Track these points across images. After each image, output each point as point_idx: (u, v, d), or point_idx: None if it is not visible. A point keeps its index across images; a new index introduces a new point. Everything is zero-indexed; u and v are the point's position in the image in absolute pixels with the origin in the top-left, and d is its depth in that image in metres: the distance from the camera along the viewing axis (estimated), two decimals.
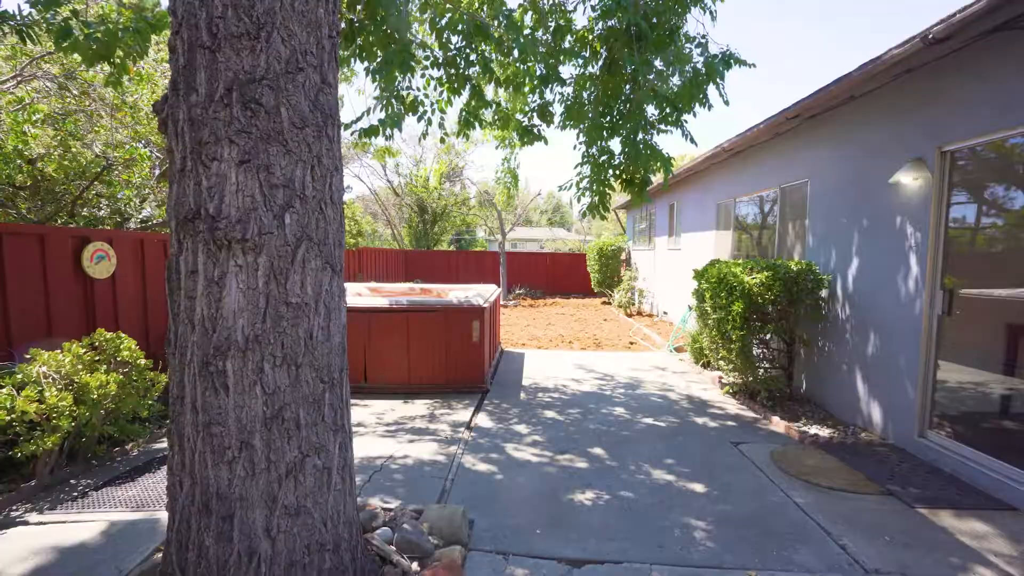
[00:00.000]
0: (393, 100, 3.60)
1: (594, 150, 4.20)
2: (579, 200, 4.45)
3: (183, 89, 1.92)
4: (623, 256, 16.29)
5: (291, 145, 1.97)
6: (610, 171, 4.23)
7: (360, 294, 8.88)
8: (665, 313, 12.18)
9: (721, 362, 6.17)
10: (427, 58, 3.90)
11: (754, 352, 5.76)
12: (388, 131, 3.53)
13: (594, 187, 4.12)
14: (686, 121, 4.03)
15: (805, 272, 5.47)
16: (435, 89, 4.13)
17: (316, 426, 2.04)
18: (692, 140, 4.28)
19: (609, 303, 15.89)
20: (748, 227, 8.21)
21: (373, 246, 20.98)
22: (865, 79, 4.59)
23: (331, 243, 2.12)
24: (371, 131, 3.51)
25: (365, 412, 5.33)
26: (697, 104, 4.28)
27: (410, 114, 3.69)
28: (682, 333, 9.29)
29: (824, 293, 5.56)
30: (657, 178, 4.70)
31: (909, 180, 4.36)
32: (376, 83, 3.64)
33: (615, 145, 4.31)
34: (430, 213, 22.65)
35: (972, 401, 3.99)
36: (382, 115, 3.92)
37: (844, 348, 5.27)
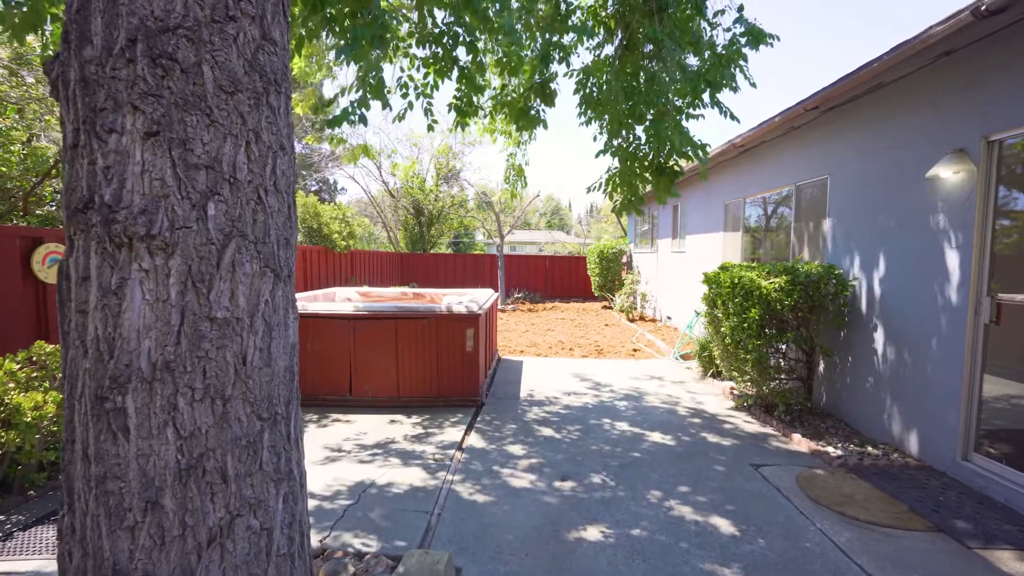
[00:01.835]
0: (371, 82, 3.15)
1: (619, 141, 3.77)
2: (611, 198, 4.03)
3: (75, 40, 1.48)
4: (624, 259, 15.85)
5: (217, 115, 1.53)
6: (636, 164, 3.79)
7: (350, 299, 8.43)
8: (669, 318, 11.74)
9: (734, 373, 5.73)
10: (411, 35, 3.45)
11: (770, 362, 5.31)
12: (354, 118, 3.08)
13: (626, 180, 3.69)
14: (730, 84, 3.64)
15: (827, 276, 5.04)
16: (419, 71, 3.68)
17: (251, 476, 1.59)
18: (733, 117, 3.85)
19: (610, 307, 15.45)
20: (760, 228, 7.78)
21: (369, 249, 20.53)
22: (897, 63, 4.16)
23: (273, 241, 1.67)
24: (335, 121, 3.06)
25: (347, 430, 4.88)
26: (726, 87, 3.87)
27: (376, 99, 3.23)
28: (688, 340, 8.85)
29: (847, 299, 5.11)
30: (688, 167, 4.28)
31: (949, 174, 3.92)
32: (349, 63, 3.19)
33: (641, 133, 3.90)
34: (426, 215, 22.20)
35: None
36: (366, 100, 3.47)
37: (871, 359, 4.82)
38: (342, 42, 2.97)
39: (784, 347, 5.44)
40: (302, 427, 1.86)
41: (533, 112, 3.91)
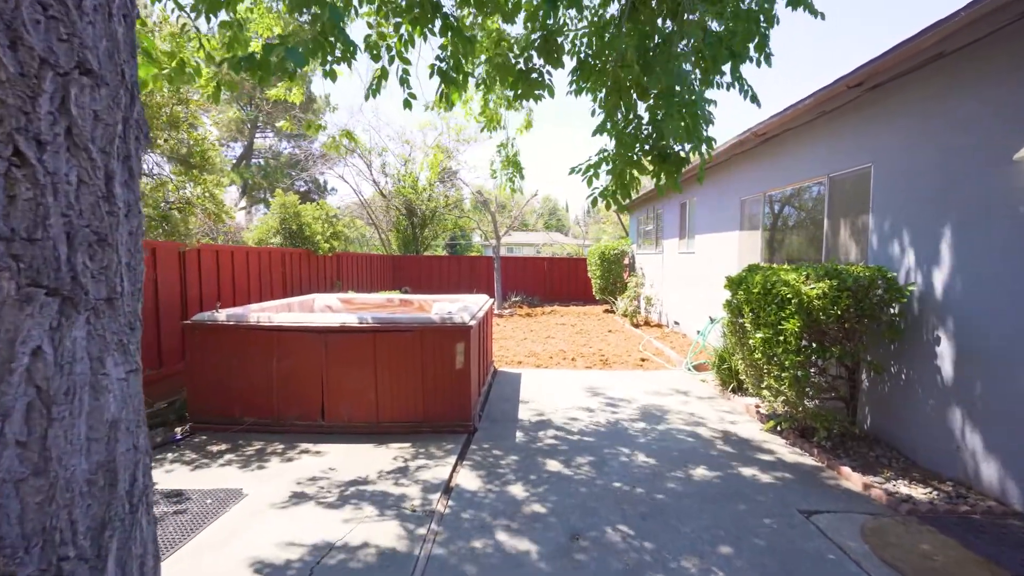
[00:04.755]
0: (323, 21, 2.40)
1: (618, 118, 3.01)
2: (590, 183, 3.22)
3: None
4: (626, 260, 15.11)
5: None
6: (636, 145, 3.03)
7: (330, 306, 7.65)
8: (676, 323, 10.99)
9: (764, 391, 4.98)
10: None
11: (810, 380, 4.56)
12: (289, 65, 2.32)
13: (620, 165, 2.92)
14: (762, 51, 2.87)
15: (875, 280, 4.29)
16: (390, 20, 2.91)
17: None
18: (754, 98, 3.11)
19: (612, 311, 14.69)
20: (782, 227, 7.04)
21: (360, 251, 19.74)
22: (971, 23, 3.44)
23: (58, 238, 0.91)
24: (255, 64, 2.28)
25: (316, 464, 4.10)
26: (754, 54, 3.14)
27: (335, 39, 2.47)
28: (701, 348, 8.10)
29: (904, 306, 4.37)
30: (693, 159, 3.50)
31: None
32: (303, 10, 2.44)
33: (644, 112, 3.14)
34: (419, 216, 21.40)
35: None
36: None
37: (932, 377, 4.08)
38: None
39: (821, 362, 4.69)
40: (150, 560, 1.08)
41: (537, 76, 3.13)
